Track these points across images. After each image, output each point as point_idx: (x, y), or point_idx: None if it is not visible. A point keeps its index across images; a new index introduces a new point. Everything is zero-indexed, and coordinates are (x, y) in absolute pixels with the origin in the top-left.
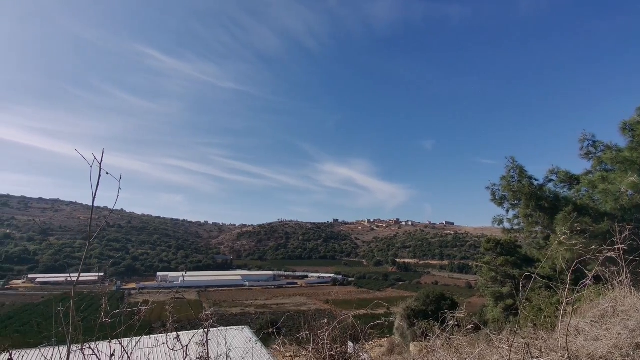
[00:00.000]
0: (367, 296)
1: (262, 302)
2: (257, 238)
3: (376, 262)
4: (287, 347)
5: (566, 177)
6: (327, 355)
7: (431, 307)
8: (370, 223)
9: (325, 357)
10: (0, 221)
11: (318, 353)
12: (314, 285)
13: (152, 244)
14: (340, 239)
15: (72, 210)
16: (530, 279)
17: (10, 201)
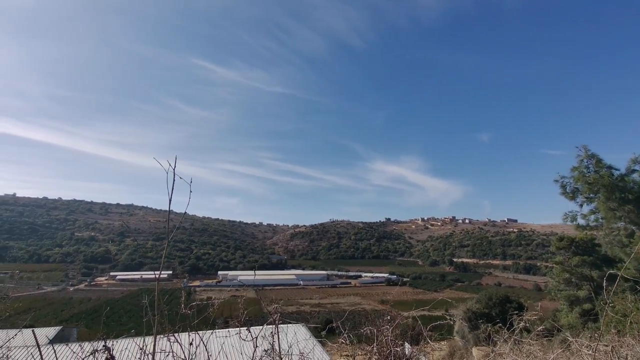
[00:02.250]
0: (423, 297)
1: (317, 301)
2: (310, 238)
3: (432, 262)
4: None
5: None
6: (391, 351)
7: (495, 309)
8: (424, 221)
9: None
10: (86, 225)
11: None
12: (367, 285)
13: (213, 244)
14: (393, 238)
15: (144, 213)
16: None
17: (93, 207)
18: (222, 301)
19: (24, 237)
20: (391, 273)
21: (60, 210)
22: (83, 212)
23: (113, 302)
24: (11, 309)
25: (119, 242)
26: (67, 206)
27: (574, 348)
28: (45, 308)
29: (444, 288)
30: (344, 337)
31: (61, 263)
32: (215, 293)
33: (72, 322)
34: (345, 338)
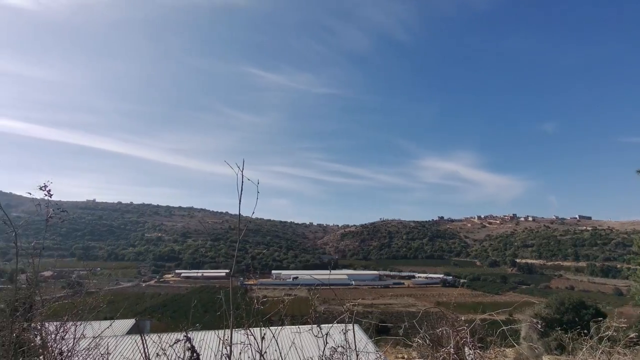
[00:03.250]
0: (483, 300)
1: (369, 302)
2: (360, 238)
3: (491, 263)
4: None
5: None
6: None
7: (568, 315)
8: (481, 219)
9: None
10: (154, 226)
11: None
12: (421, 286)
13: (266, 244)
14: (448, 237)
15: (202, 216)
16: None
17: (159, 210)
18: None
19: (103, 237)
20: (446, 274)
21: (132, 214)
22: (151, 214)
23: (179, 297)
24: (104, 301)
25: (182, 242)
26: (137, 210)
27: None
28: (122, 302)
29: (507, 291)
30: (421, 337)
31: (134, 261)
32: (270, 291)
33: (145, 315)
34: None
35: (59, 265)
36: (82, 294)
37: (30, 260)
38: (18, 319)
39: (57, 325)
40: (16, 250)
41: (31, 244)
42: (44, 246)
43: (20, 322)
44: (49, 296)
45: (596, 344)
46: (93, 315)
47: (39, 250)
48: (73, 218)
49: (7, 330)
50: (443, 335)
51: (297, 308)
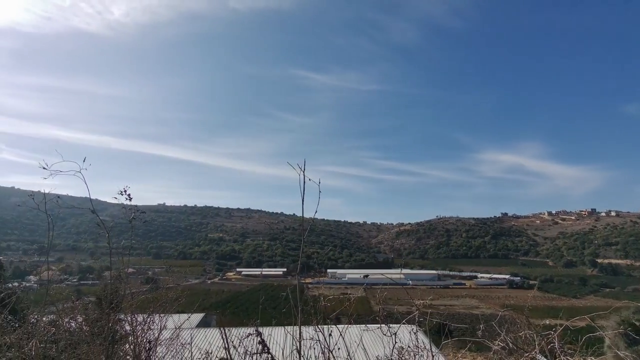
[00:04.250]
0: (557, 303)
1: (428, 302)
2: (416, 236)
3: (566, 263)
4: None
5: None
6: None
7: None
8: (552, 215)
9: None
10: (216, 227)
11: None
12: (485, 287)
13: (320, 243)
14: (513, 235)
15: (259, 216)
16: None
17: (220, 212)
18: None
19: (173, 238)
20: (513, 274)
21: (197, 216)
22: (213, 216)
23: (240, 294)
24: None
25: (241, 242)
26: (201, 212)
27: None
28: (190, 297)
29: (586, 294)
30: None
31: (200, 260)
32: (326, 290)
33: (211, 310)
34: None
35: (138, 263)
36: (162, 289)
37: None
38: (112, 311)
39: (144, 316)
40: (109, 249)
41: (120, 244)
42: (127, 246)
43: (113, 314)
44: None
45: None
46: (174, 308)
47: (128, 249)
48: (147, 220)
49: (104, 321)
50: (526, 339)
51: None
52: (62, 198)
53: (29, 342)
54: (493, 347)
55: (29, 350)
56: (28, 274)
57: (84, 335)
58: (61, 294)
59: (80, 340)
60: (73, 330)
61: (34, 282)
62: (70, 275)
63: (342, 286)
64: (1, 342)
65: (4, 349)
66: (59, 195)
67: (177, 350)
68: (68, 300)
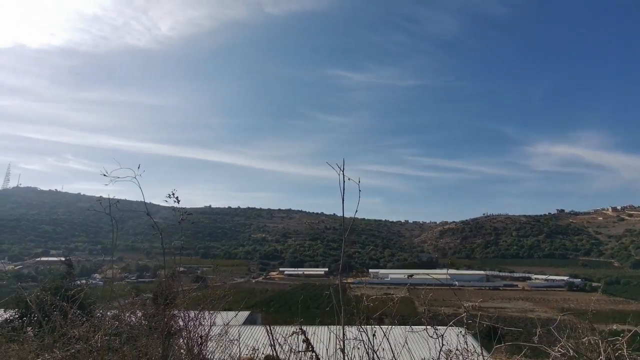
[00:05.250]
0: (625, 307)
1: (477, 304)
2: (462, 235)
3: (634, 263)
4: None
5: None
6: None
7: None
8: (617, 211)
9: None
10: (258, 228)
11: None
12: (540, 289)
13: (361, 243)
14: (572, 233)
15: (300, 217)
16: None
17: (262, 213)
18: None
19: (219, 238)
20: (573, 276)
21: (240, 217)
22: (255, 217)
23: (284, 293)
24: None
25: (283, 242)
26: (244, 213)
27: None
28: (236, 295)
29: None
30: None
31: (244, 259)
32: (368, 290)
33: (256, 308)
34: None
35: (188, 263)
36: (211, 287)
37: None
38: (167, 307)
39: (196, 313)
40: (162, 249)
41: (171, 244)
42: (177, 246)
43: (168, 309)
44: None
45: None
46: (222, 305)
47: (179, 249)
48: (195, 222)
49: (160, 316)
50: (589, 345)
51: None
52: (121, 202)
53: (95, 335)
54: (552, 354)
55: (95, 342)
56: (93, 272)
57: (143, 329)
58: (122, 291)
59: (140, 333)
60: (133, 324)
61: (99, 279)
62: (130, 273)
63: (385, 286)
64: (71, 334)
65: (73, 341)
66: (119, 200)
67: (226, 345)
68: (128, 296)
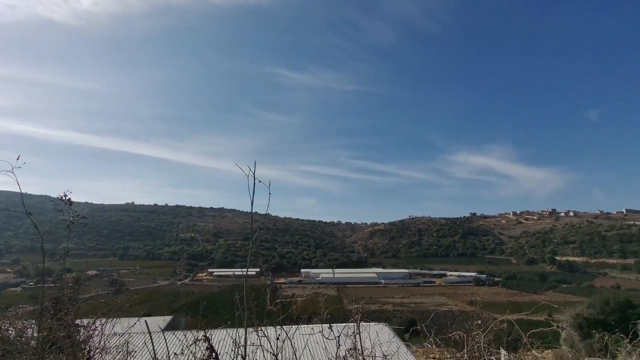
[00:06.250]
0: (519, 299)
1: (399, 300)
2: (389, 236)
3: (528, 260)
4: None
5: None
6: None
7: (613, 316)
8: (517, 215)
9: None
10: (187, 227)
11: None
12: (453, 285)
13: (294, 243)
14: (481, 234)
15: (233, 216)
16: None
17: (192, 211)
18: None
19: (141, 238)
20: (480, 272)
21: (167, 215)
22: (184, 215)
23: (211, 295)
24: (129, 300)
25: (214, 242)
26: (172, 211)
27: None
28: (159, 299)
29: (545, 290)
30: (430, 340)
31: (170, 260)
32: (299, 290)
33: (181, 312)
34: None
35: (102, 265)
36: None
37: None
38: (46, 316)
39: (88, 322)
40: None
41: (83, 245)
42: (88, 247)
43: (48, 320)
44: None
45: (632, 347)
46: (123, 312)
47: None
48: (114, 220)
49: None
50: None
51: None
52: (25, 197)
53: None
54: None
55: None
56: None
57: (18, 345)
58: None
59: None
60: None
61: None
62: (27, 278)
63: (316, 285)
64: None
65: None
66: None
67: (124, 357)
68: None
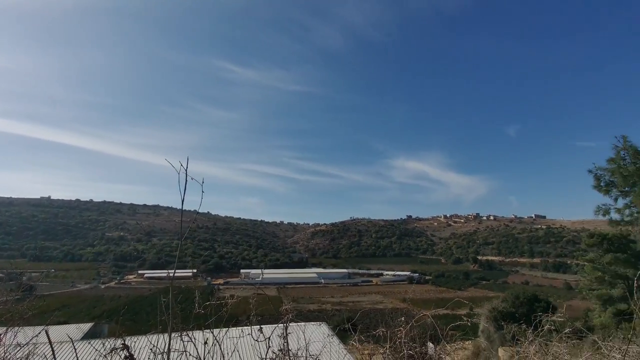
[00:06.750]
0: (446, 295)
1: (338, 300)
2: (331, 236)
3: (455, 260)
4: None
5: None
6: (405, 354)
7: (522, 309)
8: (447, 218)
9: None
10: (116, 225)
11: (395, 352)
12: (389, 284)
13: (235, 243)
14: (415, 236)
15: (169, 214)
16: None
17: (122, 208)
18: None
19: (59, 237)
20: (413, 271)
21: (92, 212)
22: (112, 212)
23: (141, 299)
24: (38, 307)
25: (146, 241)
26: (97, 207)
27: (604, 351)
28: (78, 305)
29: (468, 286)
30: (355, 338)
31: (93, 262)
32: (238, 291)
33: (104, 318)
34: (356, 340)
35: (7, 267)
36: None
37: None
38: None
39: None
40: None
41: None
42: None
43: None
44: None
45: (535, 337)
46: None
47: None
48: (25, 216)
49: None
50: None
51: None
52: None
53: None
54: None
55: None
56: None
57: None
58: None
59: None
60: None
61: None
62: None
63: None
64: None
65: None
66: None
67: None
68: None
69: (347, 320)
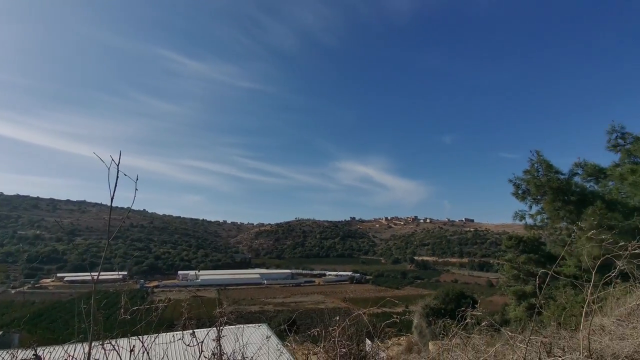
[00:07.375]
0: (385, 294)
1: (281, 300)
2: (275, 237)
3: (394, 260)
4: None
5: (594, 170)
6: (337, 352)
7: (450, 305)
8: (388, 221)
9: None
10: (31, 223)
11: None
12: (331, 284)
13: (173, 243)
14: (358, 237)
15: (97, 211)
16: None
17: (39, 203)
18: (170, 303)
19: None
20: (355, 271)
21: (2, 206)
22: (28, 208)
23: (59, 305)
24: None
25: (68, 241)
26: (8, 202)
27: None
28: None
29: (405, 285)
30: (291, 339)
31: (2, 263)
32: (175, 294)
33: (14, 326)
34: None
35: None
36: None
37: None
38: None
39: None
40: None
41: None
42: None
43: None
44: None
45: (457, 330)
46: None
47: None
48: None
49: None
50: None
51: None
52: None
53: None
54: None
55: None
56: None
57: None
58: None
59: None
60: None
61: None
62: None
63: (195, 288)
64: None
65: None
66: None
67: None
68: None
69: (286, 321)
